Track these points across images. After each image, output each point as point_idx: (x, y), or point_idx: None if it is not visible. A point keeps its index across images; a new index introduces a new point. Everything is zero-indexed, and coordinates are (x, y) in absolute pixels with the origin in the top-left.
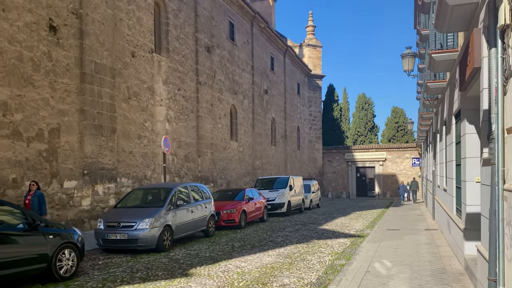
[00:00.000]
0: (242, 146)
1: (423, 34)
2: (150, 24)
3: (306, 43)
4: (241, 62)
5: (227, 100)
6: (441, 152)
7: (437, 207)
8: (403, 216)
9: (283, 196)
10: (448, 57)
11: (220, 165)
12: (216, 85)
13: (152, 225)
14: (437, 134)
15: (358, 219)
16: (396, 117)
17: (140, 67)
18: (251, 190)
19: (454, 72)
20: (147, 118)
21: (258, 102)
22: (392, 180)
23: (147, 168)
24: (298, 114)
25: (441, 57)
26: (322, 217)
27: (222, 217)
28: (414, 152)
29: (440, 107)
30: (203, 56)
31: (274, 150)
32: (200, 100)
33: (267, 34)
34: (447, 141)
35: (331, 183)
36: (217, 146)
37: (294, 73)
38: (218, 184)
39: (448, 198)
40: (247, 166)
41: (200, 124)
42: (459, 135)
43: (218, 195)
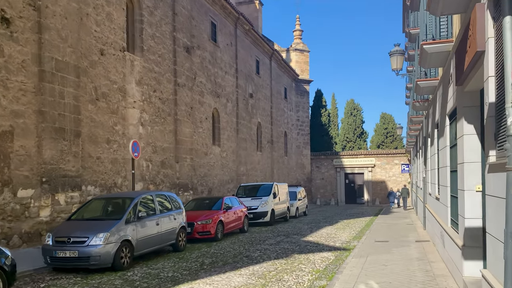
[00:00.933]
0: (226, 151)
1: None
2: (121, 21)
3: (293, 48)
4: (224, 64)
5: (209, 103)
6: (433, 157)
7: (428, 217)
8: (392, 225)
9: (266, 205)
10: (441, 49)
11: (201, 171)
12: (197, 87)
13: (107, 241)
14: (427, 138)
15: (345, 229)
16: (385, 123)
17: (110, 66)
18: (230, 199)
19: (448, 67)
20: (117, 121)
21: (242, 106)
22: (381, 186)
23: (117, 175)
24: (285, 119)
25: (433, 48)
26: (307, 226)
27: (196, 229)
28: (403, 158)
29: (431, 108)
30: (182, 56)
31: (260, 155)
32: (179, 102)
33: (252, 37)
34: (440, 145)
35: (319, 190)
36: (198, 151)
37: (280, 77)
38: (198, 192)
39: (441, 208)
40: (230, 173)
41: (179, 128)
42: (454, 137)
43: (194, 204)
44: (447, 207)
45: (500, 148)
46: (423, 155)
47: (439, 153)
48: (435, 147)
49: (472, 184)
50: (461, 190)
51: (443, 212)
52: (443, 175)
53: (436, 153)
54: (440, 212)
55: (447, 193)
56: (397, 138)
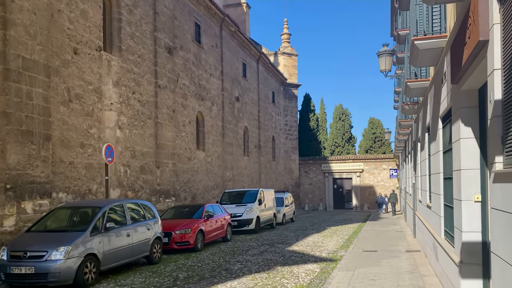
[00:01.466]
0: (210, 156)
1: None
2: (98, 19)
3: (281, 51)
4: (209, 67)
5: (193, 106)
6: (423, 163)
7: (418, 224)
8: (381, 232)
9: (251, 212)
10: (434, 45)
11: (184, 177)
12: (180, 89)
13: (69, 255)
14: (417, 143)
15: (332, 237)
16: (373, 128)
17: (85, 66)
18: (212, 206)
19: (441, 66)
20: (92, 124)
21: (228, 109)
22: (369, 191)
23: (92, 181)
24: (273, 124)
25: (426, 44)
26: (294, 234)
27: (173, 239)
28: (391, 163)
29: (421, 111)
30: (163, 57)
31: (247, 160)
32: (160, 105)
33: (238, 39)
34: (432, 150)
35: (307, 195)
36: (181, 156)
37: (268, 81)
38: (181, 198)
39: (433, 217)
40: (216, 178)
41: (160, 131)
42: (448, 141)
43: (173, 212)
44: (440, 217)
45: (509, 154)
46: (412, 160)
47: (430, 159)
48: (425, 152)
49: (470, 193)
50: (457, 200)
51: (435, 221)
52: (436, 182)
53: (427, 158)
54: (432, 221)
55: (440, 202)
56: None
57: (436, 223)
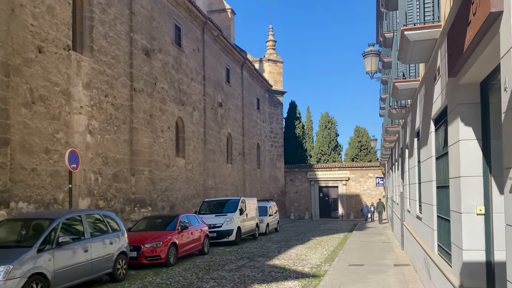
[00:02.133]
0: (191, 163)
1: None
2: (66, 16)
3: (266, 58)
4: (190, 71)
5: (172, 111)
6: (412, 170)
7: (407, 236)
8: (367, 244)
9: (232, 222)
10: (427, 35)
11: (162, 185)
12: (158, 93)
13: (9, 275)
14: (405, 150)
15: (316, 248)
16: (359, 136)
17: (51, 65)
18: (187, 216)
19: (434, 60)
20: (59, 128)
21: (211, 115)
22: (355, 200)
23: (58, 189)
24: (258, 131)
25: (417, 35)
26: (276, 246)
27: (143, 253)
28: (377, 171)
29: (409, 116)
30: (140, 59)
31: (231, 168)
32: (136, 109)
33: (222, 44)
34: (422, 156)
35: (293, 204)
36: (158, 163)
37: (253, 87)
38: (158, 208)
39: (424, 230)
40: (197, 186)
41: (135, 137)
42: (443, 145)
43: (145, 223)
44: (433, 230)
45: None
46: (399, 168)
47: (420, 166)
48: (414, 159)
49: (472, 205)
50: (455, 212)
51: (427, 235)
52: (427, 191)
53: (416, 165)
54: (422, 234)
55: (432, 213)
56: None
57: (428, 237)
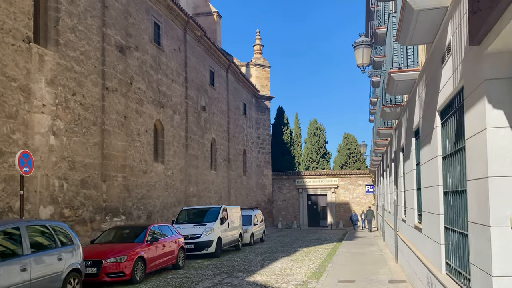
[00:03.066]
0: (171, 169)
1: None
2: (27, 5)
3: (253, 62)
4: (170, 71)
5: (150, 113)
6: (409, 175)
7: (402, 247)
8: (358, 255)
9: (211, 232)
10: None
11: (137, 192)
12: (134, 94)
13: None
14: (399, 153)
15: (303, 261)
16: (348, 143)
17: (7, 58)
18: (159, 227)
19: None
20: (16, 128)
21: (193, 119)
22: (345, 208)
23: (14, 197)
24: (245, 136)
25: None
26: (260, 258)
27: (104, 269)
28: (367, 178)
29: (405, 114)
30: (113, 56)
31: (215, 175)
32: (108, 110)
33: (205, 45)
34: (423, 158)
35: (281, 212)
36: (134, 169)
37: (239, 91)
38: (134, 217)
39: (426, 243)
40: (177, 194)
41: (107, 140)
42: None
43: (111, 234)
44: (439, 245)
45: None
46: (392, 174)
47: (420, 169)
48: (412, 162)
49: (505, 215)
50: (478, 224)
51: (430, 249)
52: (430, 198)
53: (413, 169)
54: (423, 247)
55: (437, 224)
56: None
57: (433, 252)
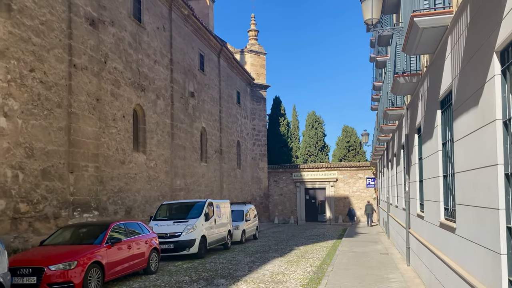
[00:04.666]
0: (154, 160)
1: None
2: None
3: (248, 49)
4: (152, 52)
5: (129, 97)
6: (430, 159)
7: (418, 249)
8: (362, 255)
9: (194, 230)
10: None
11: (114, 185)
12: (109, 74)
13: None
14: (413, 136)
15: (299, 263)
16: (347, 136)
17: None
18: (126, 224)
19: None
20: None
21: (180, 105)
22: (344, 203)
23: None
24: (239, 127)
25: None
26: (249, 259)
27: (46, 279)
28: (368, 171)
29: (426, 82)
30: (83, 30)
31: (205, 167)
32: (76, 90)
33: (194, 25)
34: (459, 131)
35: (277, 207)
36: (109, 158)
37: (232, 79)
38: (109, 212)
39: (467, 250)
40: (162, 187)
41: (75, 125)
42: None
43: (65, 235)
44: (498, 255)
45: None
46: (401, 162)
47: (453, 147)
48: (435, 142)
49: None
50: None
51: (476, 259)
52: (476, 185)
53: (438, 150)
54: (461, 255)
55: (493, 224)
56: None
57: (482, 264)
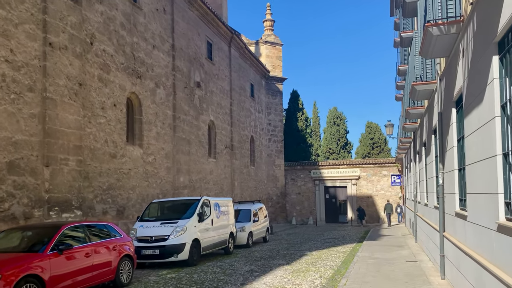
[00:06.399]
0: (153, 154)
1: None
2: None
3: (263, 40)
4: (150, 35)
5: (121, 84)
6: (476, 137)
7: (458, 258)
8: (385, 263)
9: (184, 233)
10: None
11: (102, 181)
12: (96, 57)
13: None
14: (450, 111)
15: (307, 273)
16: (371, 133)
17: None
18: (86, 227)
19: None
20: None
21: (184, 96)
22: (368, 202)
23: None
24: (252, 122)
25: None
26: (249, 267)
27: None
28: (393, 168)
29: (469, 31)
30: (61, 4)
31: (214, 163)
32: (52, 73)
33: (200, 10)
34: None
35: (295, 207)
36: (97, 151)
37: (245, 70)
38: (97, 212)
39: None
40: (163, 185)
41: (52, 112)
42: None
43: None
44: None
45: None
46: (432, 150)
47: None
48: (490, 107)
49: None
50: None
51: None
52: None
53: (493, 118)
54: None
55: None
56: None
57: None
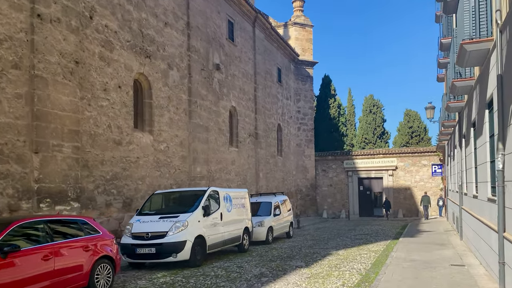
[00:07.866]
0: (165, 142)
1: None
2: None
3: (292, 22)
4: (162, 11)
5: (127, 63)
6: None
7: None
8: (424, 266)
9: (185, 229)
10: None
11: (105, 170)
12: (96, 33)
13: None
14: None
15: (326, 280)
16: (410, 121)
17: None
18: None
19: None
20: None
21: (201, 79)
22: (405, 194)
23: None
24: (279, 109)
25: None
26: (259, 270)
27: None
28: (433, 157)
29: None
30: None
31: (236, 153)
32: (42, 48)
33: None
34: None
35: (326, 199)
36: (98, 137)
37: (271, 53)
38: (98, 204)
39: None
40: (177, 175)
41: (42, 92)
42: None
43: None
44: None
45: None
46: (486, 129)
47: None
48: None
49: None
50: None
51: None
52: None
53: None
54: None
55: None
56: (424, 138)
57: None
